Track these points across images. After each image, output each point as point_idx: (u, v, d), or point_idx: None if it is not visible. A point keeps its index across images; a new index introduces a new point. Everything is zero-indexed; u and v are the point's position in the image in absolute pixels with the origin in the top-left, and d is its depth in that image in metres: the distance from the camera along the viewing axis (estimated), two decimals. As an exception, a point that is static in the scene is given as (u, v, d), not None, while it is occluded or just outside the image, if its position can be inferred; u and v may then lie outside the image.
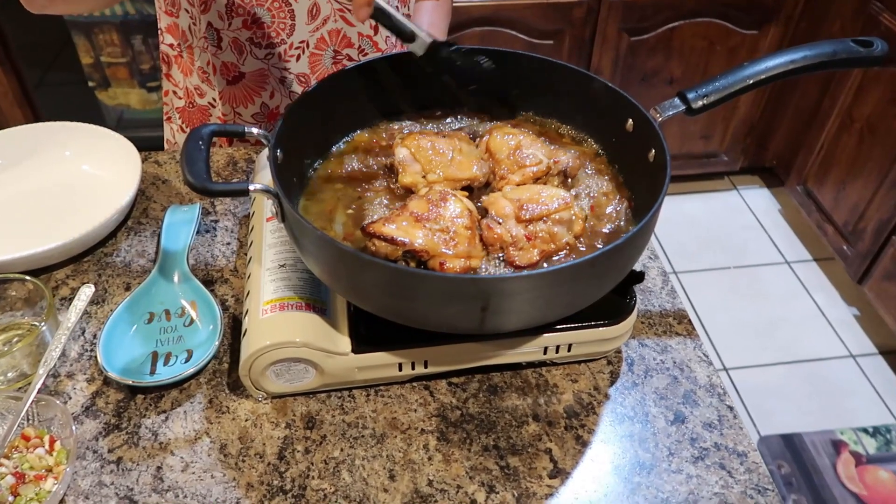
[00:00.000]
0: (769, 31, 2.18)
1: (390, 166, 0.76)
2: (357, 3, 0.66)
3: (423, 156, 0.73)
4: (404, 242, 0.63)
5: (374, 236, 0.63)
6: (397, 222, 0.64)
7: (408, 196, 0.71)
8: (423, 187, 0.72)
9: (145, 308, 0.78)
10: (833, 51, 0.70)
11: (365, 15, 0.67)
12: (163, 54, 1.05)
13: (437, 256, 0.63)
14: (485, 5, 2.00)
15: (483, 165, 0.75)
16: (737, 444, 0.69)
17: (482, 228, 0.67)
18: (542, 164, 0.74)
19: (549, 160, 0.75)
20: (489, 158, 0.76)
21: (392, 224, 0.64)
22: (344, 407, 0.71)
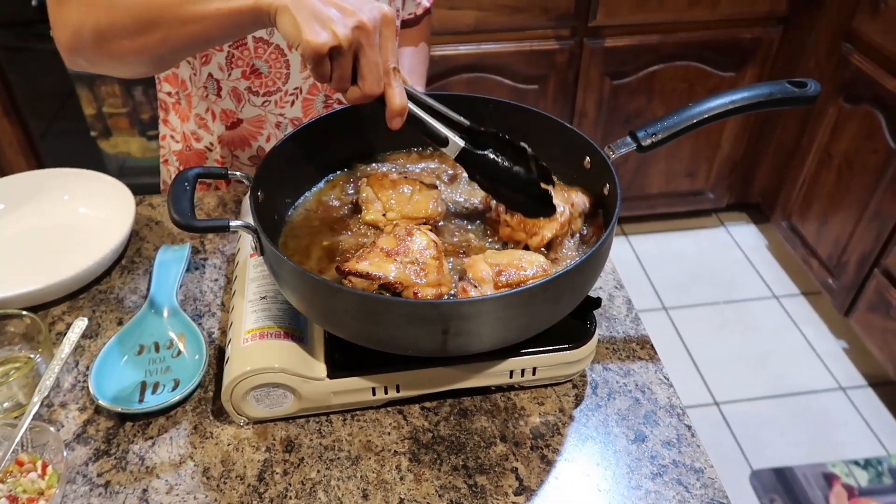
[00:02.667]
0: (747, 72, 2.27)
1: (356, 204, 0.82)
2: (390, 113, 0.67)
3: (384, 195, 0.79)
4: (379, 276, 0.68)
5: (349, 274, 0.68)
6: (370, 258, 0.69)
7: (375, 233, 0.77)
8: (383, 224, 0.77)
9: (136, 340, 0.82)
10: (770, 91, 0.76)
11: (398, 125, 0.67)
12: (161, 101, 1.12)
13: (410, 287, 0.68)
14: (470, 53, 2.10)
15: (440, 204, 0.81)
16: (694, 461, 0.72)
17: (457, 291, 0.71)
18: (566, 213, 0.77)
19: (567, 206, 0.78)
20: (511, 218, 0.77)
21: (365, 261, 0.69)
22: (321, 431, 0.75)
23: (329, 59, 0.62)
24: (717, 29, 2.17)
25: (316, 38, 0.60)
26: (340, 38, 0.61)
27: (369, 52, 0.63)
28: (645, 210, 2.60)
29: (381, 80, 0.65)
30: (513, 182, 0.76)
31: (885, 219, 1.95)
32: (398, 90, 0.66)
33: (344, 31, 0.61)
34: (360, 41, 0.62)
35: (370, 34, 0.62)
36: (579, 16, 2.08)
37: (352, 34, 0.61)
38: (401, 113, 0.67)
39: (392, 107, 0.66)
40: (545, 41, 2.12)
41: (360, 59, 0.63)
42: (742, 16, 2.15)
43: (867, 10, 1.95)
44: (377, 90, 0.65)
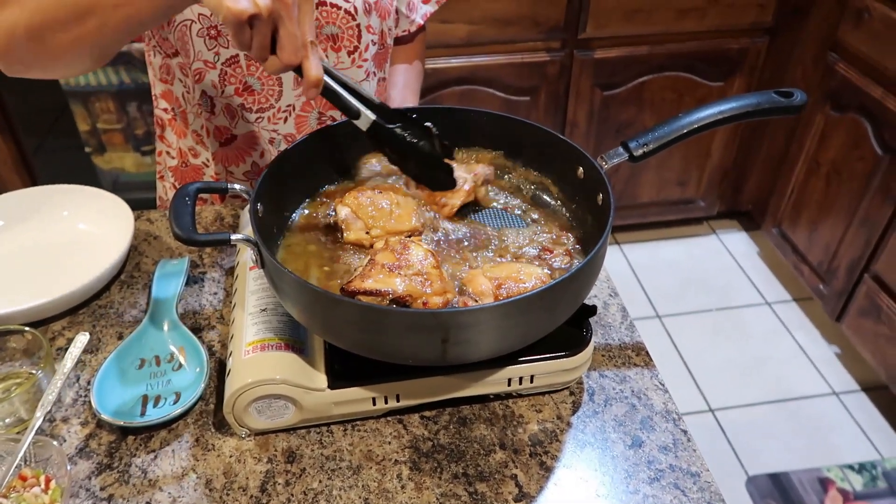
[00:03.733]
0: (735, 82, 2.30)
1: (335, 224, 0.82)
2: (306, 84, 0.69)
3: (363, 213, 0.80)
4: (388, 292, 0.69)
5: (356, 294, 0.69)
6: (373, 276, 0.70)
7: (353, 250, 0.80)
8: (368, 242, 0.79)
9: (136, 355, 0.83)
10: (757, 101, 0.78)
11: (313, 95, 0.70)
12: (157, 118, 1.13)
13: (419, 298, 0.69)
14: (462, 66, 2.12)
15: (421, 215, 0.82)
16: (690, 465, 0.73)
17: (458, 306, 0.72)
18: (468, 181, 0.85)
19: (470, 175, 0.85)
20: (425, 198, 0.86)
21: (369, 279, 0.70)
22: (322, 441, 0.76)
23: (249, 27, 0.65)
24: (705, 40, 2.20)
25: (236, 5, 0.63)
26: (260, 7, 0.63)
27: (288, 23, 0.65)
28: (637, 219, 2.63)
29: (298, 50, 0.67)
30: (418, 156, 0.82)
31: (873, 225, 1.98)
32: (315, 62, 0.68)
33: (264, 1, 0.63)
34: (279, 12, 0.64)
35: (289, 6, 0.65)
36: (569, 28, 2.11)
37: (271, 4, 0.64)
38: (316, 84, 0.69)
39: (308, 77, 0.68)
40: (536, 53, 2.15)
41: (280, 30, 0.66)
42: (729, 27, 2.18)
43: (851, 20, 1.99)
44: (294, 60, 0.67)
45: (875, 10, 1.89)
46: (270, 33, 0.66)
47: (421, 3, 1.19)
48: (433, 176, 0.84)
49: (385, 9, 1.06)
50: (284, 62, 0.67)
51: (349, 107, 0.75)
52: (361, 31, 1.03)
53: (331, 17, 0.99)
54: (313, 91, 0.69)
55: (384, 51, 1.12)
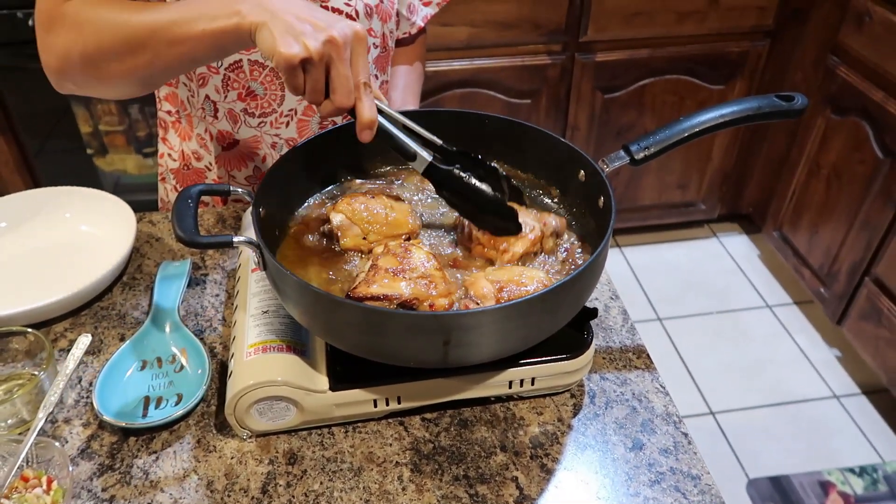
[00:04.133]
0: (735, 85, 2.31)
1: (329, 232, 0.81)
2: (360, 126, 0.69)
3: (359, 218, 0.79)
4: (395, 297, 0.69)
5: (363, 299, 0.69)
6: (378, 281, 0.70)
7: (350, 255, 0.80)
8: (365, 248, 0.79)
9: (138, 356, 0.83)
10: (758, 105, 0.78)
11: (367, 138, 0.70)
12: (160, 119, 1.14)
13: (425, 300, 0.69)
14: (464, 68, 2.12)
15: (416, 217, 0.82)
16: (691, 468, 0.74)
17: (461, 308, 0.71)
18: (536, 230, 0.79)
19: (539, 224, 0.80)
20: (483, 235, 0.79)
21: (374, 284, 0.70)
22: (324, 443, 0.76)
23: (302, 71, 0.65)
24: (705, 43, 2.21)
25: (288, 50, 0.64)
26: (312, 51, 0.64)
27: (340, 66, 0.66)
28: (638, 222, 2.63)
29: (351, 93, 0.67)
30: (478, 199, 0.79)
31: (874, 228, 1.98)
32: (367, 104, 0.69)
33: (315, 45, 0.64)
34: (330, 55, 0.65)
35: (340, 49, 0.65)
36: (570, 31, 2.12)
37: (323, 48, 0.64)
38: (370, 126, 0.69)
39: (361, 119, 0.69)
40: (537, 56, 2.15)
41: (332, 73, 0.66)
42: (730, 30, 2.19)
43: (852, 24, 1.99)
44: (347, 103, 0.68)
45: (876, 14, 1.89)
46: (324, 77, 0.67)
47: (421, 5, 1.20)
48: (493, 221, 0.78)
49: (386, 12, 1.06)
50: (337, 105, 0.68)
51: (405, 149, 0.75)
52: None
53: None
54: (367, 133, 0.70)
55: (386, 54, 1.12)
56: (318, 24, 0.66)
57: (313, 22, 0.66)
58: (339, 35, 0.65)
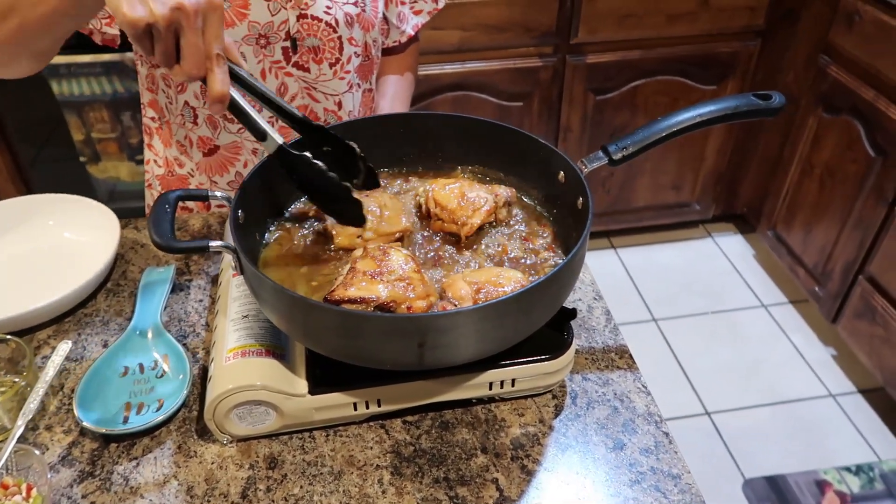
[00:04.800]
0: (727, 85, 2.31)
1: (324, 231, 0.82)
2: (209, 98, 0.67)
3: None
4: (372, 299, 0.69)
5: (340, 302, 0.69)
6: (356, 284, 0.71)
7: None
8: (360, 246, 0.79)
9: (120, 363, 0.83)
10: (736, 104, 0.78)
11: (218, 111, 0.68)
12: (145, 126, 1.14)
13: (403, 302, 0.69)
14: (455, 72, 2.13)
15: (410, 216, 0.83)
16: (671, 468, 0.73)
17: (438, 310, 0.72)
18: (489, 201, 0.82)
19: (492, 196, 0.83)
20: (440, 211, 0.84)
21: (351, 287, 0.70)
22: (304, 447, 0.76)
23: (150, 35, 0.64)
24: (696, 44, 2.21)
25: (132, 13, 0.62)
26: (157, 16, 0.62)
27: (189, 33, 0.64)
28: (632, 223, 2.63)
29: (201, 63, 0.65)
30: (326, 188, 0.77)
31: (867, 226, 1.97)
32: (220, 77, 0.66)
33: (162, 10, 0.62)
34: (179, 21, 0.63)
35: (190, 16, 0.63)
36: (561, 33, 2.12)
37: (170, 13, 0.62)
38: (220, 100, 0.67)
39: (211, 92, 0.66)
40: (528, 59, 2.16)
41: (181, 40, 0.64)
42: (721, 30, 2.19)
43: (842, 23, 1.99)
44: (196, 73, 0.66)
45: (866, 13, 1.90)
46: (173, 42, 0.65)
47: (412, 14, 1.20)
48: (341, 211, 0.80)
49: (368, 21, 1.06)
50: (185, 72, 0.66)
51: (255, 128, 0.72)
52: (343, 43, 1.03)
53: (312, 29, 1.00)
54: (217, 107, 0.67)
55: (369, 62, 1.12)
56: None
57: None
58: (189, 2, 0.63)
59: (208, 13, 0.65)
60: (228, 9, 0.95)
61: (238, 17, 0.96)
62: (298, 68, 1.03)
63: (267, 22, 0.97)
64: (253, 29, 0.97)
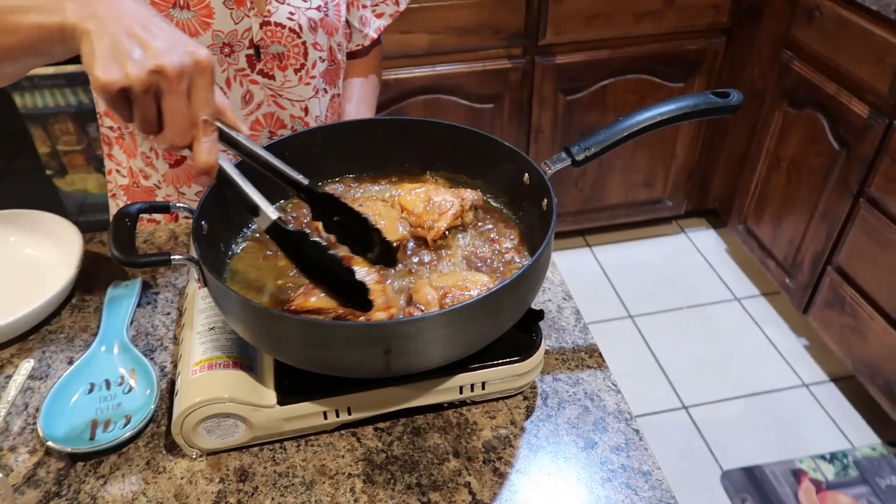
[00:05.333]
0: (695, 82, 2.34)
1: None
2: (196, 170, 0.60)
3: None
4: (331, 310, 0.69)
5: (300, 312, 0.69)
6: (316, 294, 0.70)
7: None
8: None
9: (86, 379, 0.82)
10: (695, 103, 0.79)
11: (203, 183, 0.62)
12: (103, 135, 1.12)
13: (362, 314, 0.69)
14: (426, 75, 2.13)
15: (405, 225, 0.83)
16: (641, 465, 0.74)
17: (404, 315, 0.72)
18: (455, 205, 0.83)
19: (458, 199, 0.84)
20: (408, 216, 0.84)
21: (312, 297, 0.70)
22: (275, 458, 0.75)
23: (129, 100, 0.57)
24: (663, 42, 2.24)
25: (106, 76, 0.55)
26: (132, 80, 0.55)
27: (171, 98, 0.57)
28: (606, 221, 2.65)
29: (185, 131, 0.59)
30: (326, 269, 0.67)
31: (833, 218, 2.01)
32: (206, 146, 0.59)
33: (138, 73, 0.55)
34: (158, 86, 0.56)
35: (172, 81, 0.56)
36: (529, 35, 2.13)
37: (147, 77, 0.55)
38: (206, 171, 0.60)
39: (197, 164, 0.60)
40: (498, 61, 2.17)
41: (163, 106, 0.58)
42: (686, 28, 2.21)
43: (803, 19, 2.02)
44: (180, 142, 0.59)
45: (826, 8, 1.93)
46: (153, 107, 0.58)
47: (374, 17, 1.20)
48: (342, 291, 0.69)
49: (332, 25, 1.06)
50: (168, 141, 0.59)
51: (247, 202, 0.64)
52: (308, 48, 1.03)
53: (275, 35, 0.99)
54: (204, 178, 0.61)
55: (335, 67, 1.12)
56: (150, 47, 0.56)
57: (145, 42, 0.56)
58: (172, 64, 0.56)
59: (195, 75, 0.58)
60: (193, 18, 0.94)
61: (202, 27, 0.95)
62: (263, 76, 1.02)
63: (230, 30, 0.97)
64: (217, 38, 0.96)
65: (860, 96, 1.87)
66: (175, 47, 0.57)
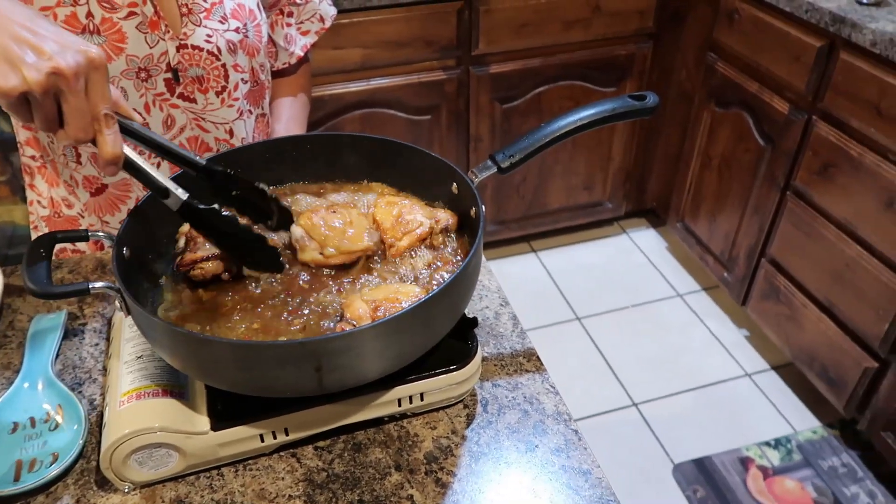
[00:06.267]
0: (626, 86, 2.40)
1: (289, 244, 0.81)
2: (101, 161, 0.63)
3: (317, 233, 0.79)
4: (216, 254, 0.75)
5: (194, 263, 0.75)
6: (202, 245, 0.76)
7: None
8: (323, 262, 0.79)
9: (8, 419, 0.78)
10: (613, 107, 0.82)
11: (111, 173, 0.64)
12: (24, 165, 1.08)
13: None
14: (361, 90, 2.13)
15: (373, 234, 0.82)
16: (581, 464, 0.75)
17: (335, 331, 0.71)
18: (424, 226, 0.82)
19: (430, 220, 0.82)
20: (377, 228, 0.83)
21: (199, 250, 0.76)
22: (213, 486, 0.74)
23: (27, 102, 0.59)
24: (593, 48, 2.29)
25: (4, 83, 0.57)
26: (31, 84, 0.57)
27: (71, 98, 0.59)
28: (549, 225, 2.69)
29: (88, 127, 0.61)
30: (240, 238, 0.74)
31: (764, 212, 2.08)
32: (110, 138, 0.62)
33: (36, 76, 0.57)
34: (57, 86, 0.58)
35: (70, 80, 0.58)
36: (462, 46, 2.15)
37: (46, 80, 0.57)
38: (113, 161, 0.63)
39: (103, 155, 0.63)
40: (432, 72, 2.18)
41: (63, 105, 0.60)
42: (614, 34, 2.27)
43: (724, 22, 2.10)
44: (84, 137, 0.62)
45: (744, 11, 2.01)
46: (54, 107, 0.60)
47: (300, 34, 1.19)
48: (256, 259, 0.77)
49: (252, 46, 1.05)
50: (72, 137, 0.61)
51: (156, 185, 0.68)
52: (228, 70, 1.02)
53: (193, 59, 0.98)
54: (111, 168, 0.64)
55: (258, 88, 1.11)
56: (43, 52, 0.58)
57: (36, 47, 0.58)
58: (68, 65, 0.58)
59: (90, 72, 0.60)
60: (104, 43, 0.92)
61: (115, 52, 0.93)
62: (184, 99, 1.00)
63: (146, 55, 0.95)
64: (132, 63, 0.94)
65: (781, 94, 1.96)
66: (67, 48, 0.59)
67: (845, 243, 1.80)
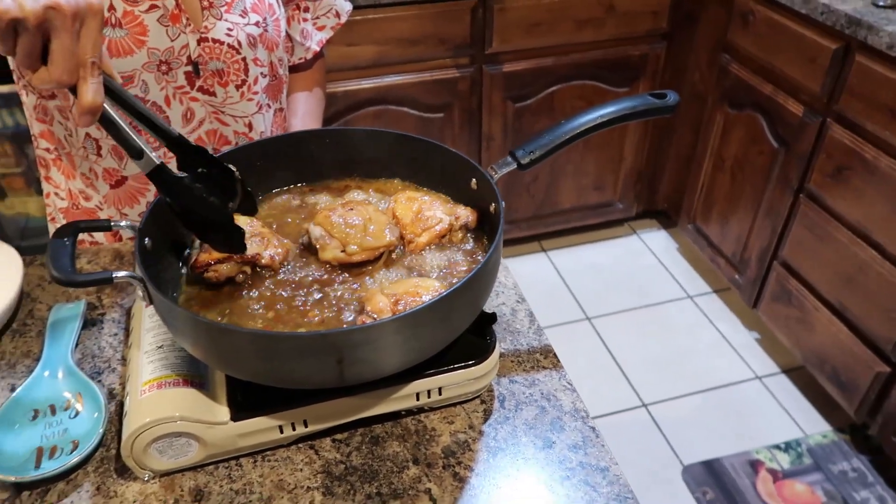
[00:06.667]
0: (639, 86, 2.39)
1: (308, 244, 0.81)
2: (79, 109, 0.61)
3: (338, 231, 0.79)
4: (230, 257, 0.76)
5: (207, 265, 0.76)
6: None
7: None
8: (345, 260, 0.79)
9: (29, 406, 0.79)
10: (634, 105, 0.82)
11: (86, 123, 0.62)
12: (39, 158, 1.09)
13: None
14: (374, 87, 2.13)
15: (394, 230, 0.82)
16: (599, 461, 0.75)
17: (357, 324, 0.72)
18: (444, 222, 0.82)
19: (450, 217, 0.83)
20: (397, 224, 0.83)
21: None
22: (231, 476, 0.74)
23: (15, 31, 0.57)
24: (606, 48, 2.29)
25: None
26: (26, 12, 0.56)
27: (63, 35, 0.58)
28: (560, 225, 2.68)
29: (73, 70, 0.60)
30: (206, 213, 0.73)
31: (777, 214, 2.08)
32: (93, 87, 0.61)
33: (32, 6, 0.56)
34: (52, 21, 0.57)
35: (66, 17, 0.57)
36: (475, 44, 2.15)
37: (42, 11, 0.56)
38: (91, 111, 0.61)
39: (82, 102, 0.61)
40: (446, 70, 2.18)
41: (52, 42, 0.58)
42: (627, 34, 2.27)
43: (738, 23, 2.10)
44: (66, 79, 0.60)
45: (759, 13, 2.00)
46: (40, 42, 0.58)
47: (315, 30, 1.19)
48: (220, 238, 0.75)
49: (272, 40, 1.05)
50: (54, 78, 0.59)
51: (131, 145, 0.66)
52: (248, 64, 1.02)
53: (214, 52, 0.98)
54: (87, 118, 0.62)
55: (277, 82, 1.11)
56: None
57: None
58: (67, 3, 0.57)
59: (87, 17, 0.59)
60: (126, 36, 0.92)
61: (136, 45, 0.93)
62: (204, 92, 1.01)
63: (167, 48, 0.95)
64: (153, 55, 0.95)
65: (795, 96, 1.95)
66: None
67: (858, 246, 1.79)
